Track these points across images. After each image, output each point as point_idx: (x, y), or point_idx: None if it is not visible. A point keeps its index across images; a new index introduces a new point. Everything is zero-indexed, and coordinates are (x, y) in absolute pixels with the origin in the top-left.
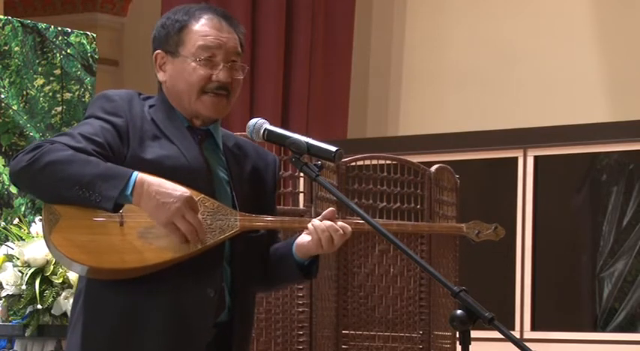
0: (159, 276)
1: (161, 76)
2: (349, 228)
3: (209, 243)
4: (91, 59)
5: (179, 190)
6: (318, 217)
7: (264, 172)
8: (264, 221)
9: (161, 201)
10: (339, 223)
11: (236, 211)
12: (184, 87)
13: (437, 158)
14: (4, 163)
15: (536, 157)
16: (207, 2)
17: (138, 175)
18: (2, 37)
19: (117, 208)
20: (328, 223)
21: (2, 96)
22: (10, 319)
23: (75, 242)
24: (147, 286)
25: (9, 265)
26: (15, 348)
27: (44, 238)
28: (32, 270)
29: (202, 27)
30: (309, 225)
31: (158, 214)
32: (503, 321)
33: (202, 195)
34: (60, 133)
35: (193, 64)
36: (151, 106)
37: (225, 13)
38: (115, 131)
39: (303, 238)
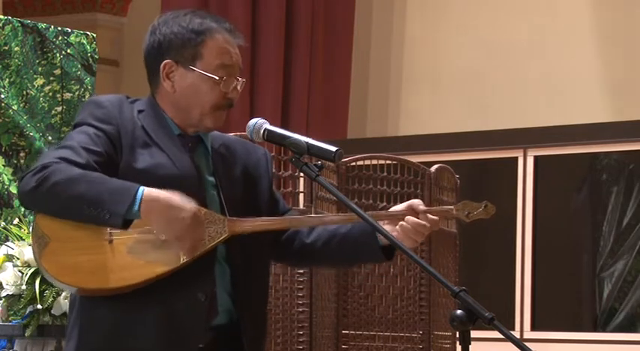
0: (150, 283)
1: (168, 85)
2: (436, 220)
3: (198, 252)
4: (91, 59)
5: (188, 204)
6: (409, 206)
7: (255, 169)
8: (253, 224)
9: (173, 216)
10: (426, 217)
11: (224, 217)
12: (196, 102)
13: (437, 158)
14: (4, 163)
15: (536, 157)
16: (207, 4)
17: (145, 190)
18: (2, 37)
19: (126, 224)
20: (414, 222)
21: (2, 96)
22: (10, 319)
23: (65, 264)
24: (139, 293)
25: (9, 265)
26: (15, 348)
27: (35, 261)
28: (32, 270)
29: (220, 43)
30: (399, 229)
31: (169, 228)
32: (503, 321)
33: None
34: (62, 146)
35: (210, 82)
36: (140, 111)
37: (230, 26)
38: (107, 139)
39: (389, 231)
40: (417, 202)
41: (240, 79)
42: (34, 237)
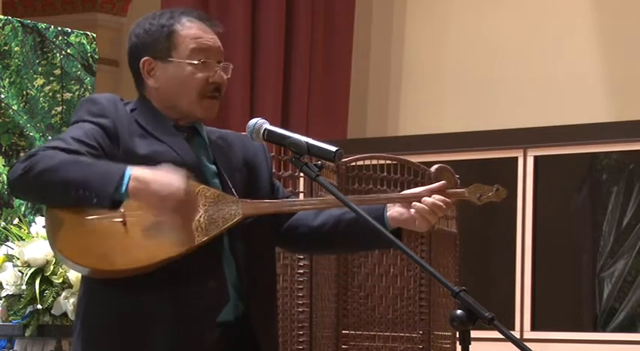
0: (159, 271)
1: (152, 82)
2: (450, 202)
3: (213, 233)
4: (91, 59)
5: (175, 180)
6: (427, 190)
7: (254, 159)
8: (266, 206)
9: (163, 194)
10: (440, 198)
11: (236, 198)
12: (181, 91)
13: (437, 158)
14: (4, 163)
15: (536, 157)
16: (207, 4)
17: (132, 171)
18: (2, 37)
19: (115, 204)
20: (430, 202)
21: (2, 96)
22: (10, 319)
23: (78, 246)
24: (146, 283)
25: (9, 265)
26: (15, 348)
27: (50, 244)
28: (32, 270)
29: (191, 30)
30: (413, 212)
31: (158, 207)
32: (503, 321)
33: (202, 185)
34: (53, 139)
35: (189, 68)
36: (132, 110)
37: (203, 14)
38: (103, 132)
39: (399, 212)
40: (440, 183)
41: (221, 61)
42: (48, 221)
